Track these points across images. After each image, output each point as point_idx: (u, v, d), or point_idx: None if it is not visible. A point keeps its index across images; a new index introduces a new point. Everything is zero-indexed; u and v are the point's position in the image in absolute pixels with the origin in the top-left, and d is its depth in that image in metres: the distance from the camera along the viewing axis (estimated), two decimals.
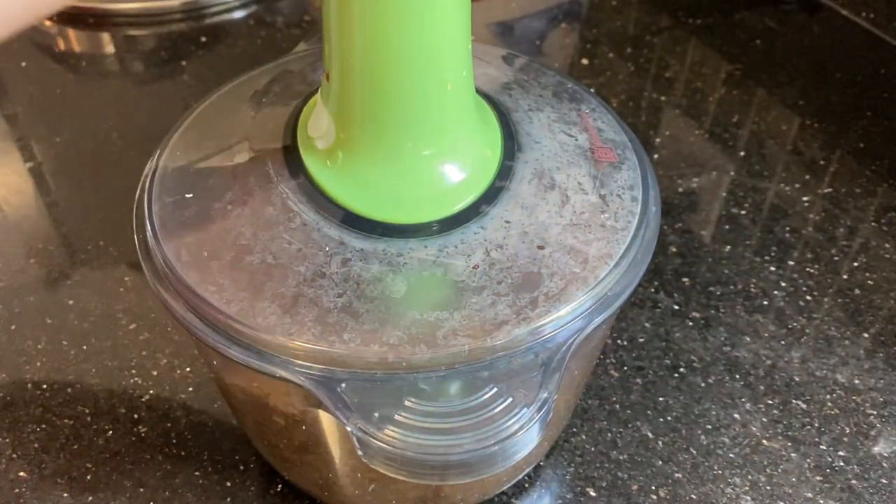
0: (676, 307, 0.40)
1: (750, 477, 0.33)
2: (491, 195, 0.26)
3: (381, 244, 0.25)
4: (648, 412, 0.36)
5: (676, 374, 0.37)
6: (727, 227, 0.45)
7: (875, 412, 0.36)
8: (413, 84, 0.25)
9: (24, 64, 0.60)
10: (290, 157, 0.27)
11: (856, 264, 0.43)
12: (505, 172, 0.27)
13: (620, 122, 0.31)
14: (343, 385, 0.22)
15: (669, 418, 0.36)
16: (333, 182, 0.26)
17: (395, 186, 0.26)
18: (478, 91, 0.28)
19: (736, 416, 0.36)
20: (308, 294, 0.24)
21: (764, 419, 0.35)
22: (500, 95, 0.30)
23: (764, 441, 0.35)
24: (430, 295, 0.24)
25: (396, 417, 0.22)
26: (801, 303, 0.41)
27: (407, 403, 0.22)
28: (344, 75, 0.25)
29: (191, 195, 0.27)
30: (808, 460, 0.34)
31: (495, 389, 0.23)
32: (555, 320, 0.24)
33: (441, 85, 0.25)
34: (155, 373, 0.37)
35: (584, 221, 0.26)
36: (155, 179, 0.27)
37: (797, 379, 0.37)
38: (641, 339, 0.39)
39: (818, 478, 0.33)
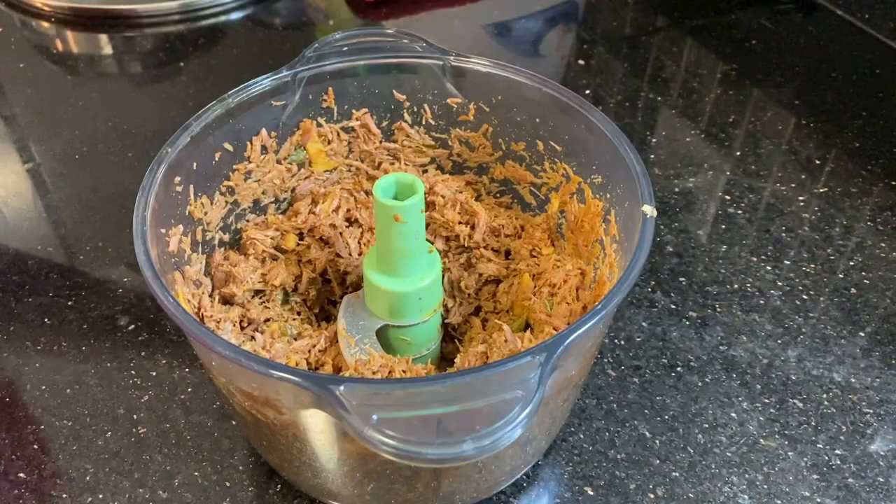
0: (673, 306, 0.41)
1: (747, 475, 0.34)
2: None
3: None
4: (646, 411, 0.36)
5: (673, 374, 0.37)
6: (723, 226, 0.45)
7: (871, 411, 0.36)
8: None
9: (22, 65, 0.60)
10: None
11: (852, 263, 0.43)
12: None
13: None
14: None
15: (667, 417, 0.36)
16: None
17: None
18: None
19: (733, 414, 0.36)
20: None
21: (761, 418, 0.36)
22: None
23: (761, 440, 0.35)
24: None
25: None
26: (798, 302, 0.41)
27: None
28: None
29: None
30: (805, 459, 0.34)
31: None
32: None
33: None
34: (154, 373, 0.37)
35: None
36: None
37: (794, 378, 0.37)
38: (638, 339, 0.39)
39: (815, 476, 0.34)
